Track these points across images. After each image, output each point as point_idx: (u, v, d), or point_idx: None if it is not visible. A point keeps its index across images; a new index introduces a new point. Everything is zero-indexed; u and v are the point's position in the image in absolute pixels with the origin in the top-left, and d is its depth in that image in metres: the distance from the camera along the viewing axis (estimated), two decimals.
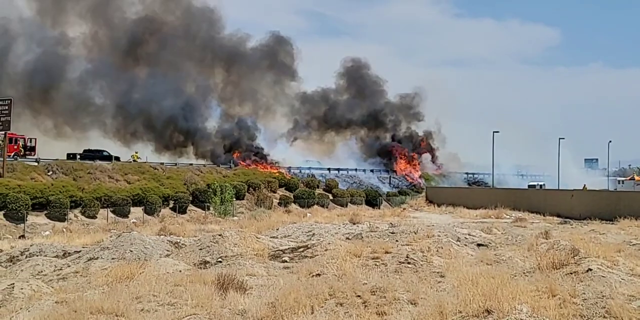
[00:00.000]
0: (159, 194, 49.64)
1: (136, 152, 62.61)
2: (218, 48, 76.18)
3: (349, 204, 63.17)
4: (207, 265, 16.40)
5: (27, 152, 51.46)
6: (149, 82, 68.11)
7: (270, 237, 22.26)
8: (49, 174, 47.06)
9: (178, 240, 22.31)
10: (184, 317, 10.23)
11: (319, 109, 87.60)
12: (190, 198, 51.93)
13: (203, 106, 73.27)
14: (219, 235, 19.28)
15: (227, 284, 12.01)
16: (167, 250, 19.95)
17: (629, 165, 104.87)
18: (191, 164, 61.91)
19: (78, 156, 56.42)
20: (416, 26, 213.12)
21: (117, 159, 59.46)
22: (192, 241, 21.44)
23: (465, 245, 19.06)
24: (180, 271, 14.93)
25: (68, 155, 56.75)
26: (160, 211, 48.65)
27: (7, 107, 45.27)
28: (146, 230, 31.73)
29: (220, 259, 16.74)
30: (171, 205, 50.15)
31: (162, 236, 23.90)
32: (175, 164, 59.09)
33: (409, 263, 14.63)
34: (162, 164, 58.25)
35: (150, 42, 71.63)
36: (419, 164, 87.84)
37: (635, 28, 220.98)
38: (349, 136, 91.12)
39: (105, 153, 60.51)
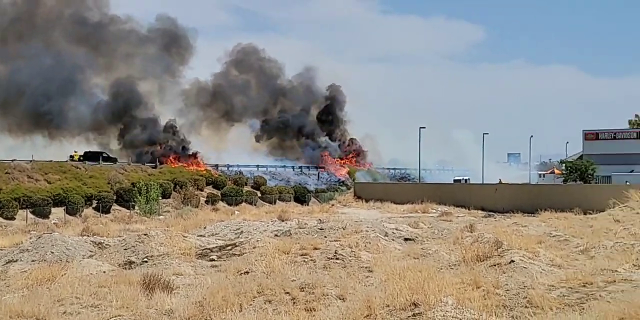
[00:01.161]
0: (81, 193, 48.44)
1: (76, 152, 61.21)
2: (98, 29, 72.36)
3: (277, 201, 63.13)
4: (133, 265, 16.07)
5: None
6: (22, 63, 64.47)
7: (198, 236, 21.98)
8: None
9: (102, 241, 21.70)
10: (108, 319, 9.97)
11: (213, 98, 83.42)
12: (115, 197, 50.89)
13: (80, 87, 68.78)
14: (145, 234, 18.91)
15: (153, 284, 11.80)
16: (91, 251, 19.40)
17: (550, 159, 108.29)
18: (115, 163, 60.49)
19: (81, 158, 56.78)
20: (343, 23, 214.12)
21: (115, 160, 59.53)
22: (116, 241, 20.91)
23: (393, 239, 19.30)
24: (104, 272, 14.58)
25: (71, 157, 57.78)
26: (82, 211, 47.53)
27: None
28: (68, 231, 30.73)
29: (145, 259, 16.42)
30: (94, 205, 49.06)
31: (85, 237, 23.20)
32: (98, 163, 57.60)
33: (337, 259, 14.69)
34: (84, 162, 56.76)
35: (28, 21, 68.06)
36: (329, 155, 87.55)
37: (556, 26, 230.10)
38: (248, 123, 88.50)
39: (105, 155, 60.52)
